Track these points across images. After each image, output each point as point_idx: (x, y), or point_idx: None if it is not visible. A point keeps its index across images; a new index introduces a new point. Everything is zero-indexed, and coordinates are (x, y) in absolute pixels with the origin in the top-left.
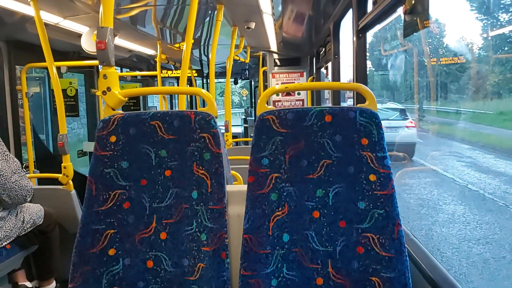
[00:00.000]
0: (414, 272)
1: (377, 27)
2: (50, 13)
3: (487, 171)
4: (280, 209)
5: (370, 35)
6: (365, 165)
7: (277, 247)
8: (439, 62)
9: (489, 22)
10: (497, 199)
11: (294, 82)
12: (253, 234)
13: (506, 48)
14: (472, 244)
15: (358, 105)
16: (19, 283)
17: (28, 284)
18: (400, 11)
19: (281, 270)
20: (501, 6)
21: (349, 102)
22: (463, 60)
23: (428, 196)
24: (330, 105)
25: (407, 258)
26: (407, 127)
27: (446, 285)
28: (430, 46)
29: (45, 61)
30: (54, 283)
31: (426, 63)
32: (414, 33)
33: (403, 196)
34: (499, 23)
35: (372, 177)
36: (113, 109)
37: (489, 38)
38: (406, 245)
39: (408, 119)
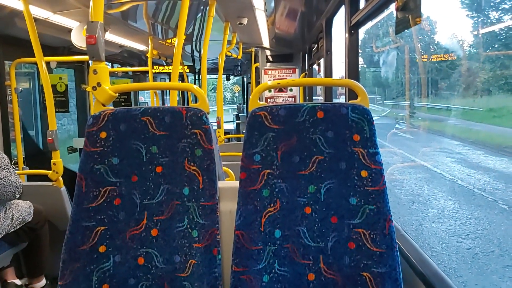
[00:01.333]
0: (404, 267)
1: (369, 24)
2: (40, 8)
3: (477, 167)
4: (272, 205)
5: (362, 32)
6: (357, 161)
7: (269, 243)
8: (430, 59)
9: (479, 19)
10: (486, 194)
11: (286, 79)
12: (245, 230)
13: (496, 46)
14: (462, 239)
15: (350, 101)
16: (9, 281)
17: (17, 281)
18: (392, 7)
19: (273, 266)
20: (491, 3)
21: (341, 99)
22: (453, 57)
23: (418, 192)
24: (322, 101)
25: (398, 253)
26: None
27: (436, 280)
28: (422, 43)
29: (34, 56)
30: (44, 280)
31: (417, 60)
32: (406, 30)
33: (394, 192)
34: (489, 20)
35: (364, 173)
36: (104, 105)
37: (480, 35)
38: (397, 241)
39: None
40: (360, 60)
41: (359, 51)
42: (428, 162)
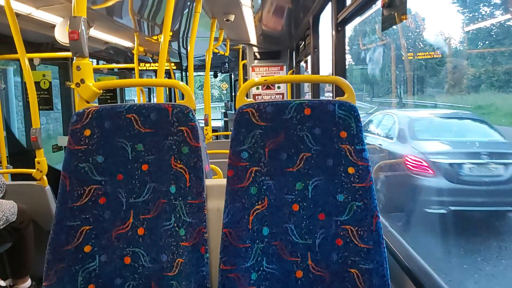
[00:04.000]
0: (392, 263)
1: (357, 20)
2: (22, 3)
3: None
4: (259, 202)
5: (349, 29)
6: (344, 158)
7: (257, 241)
8: (415, 57)
9: (470, 15)
10: None
11: (274, 76)
12: (232, 228)
13: (487, 42)
14: None
15: (337, 98)
16: None
17: (1, 282)
18: (379, 4)
19: (261, 264)
20: None
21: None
22: (439, 55)
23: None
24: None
25: (385, 249)
26: None
27: (423, 275)
28: (410, 41)
29: (17, 53)
30: (29, 281)
31: (403, 58)
32: (392, 27)
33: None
34: (480, 16)
35: (351, 170)
36: (88, 102)
37: (470, 31)
38: (384, 237)
39: None
40: (348, 57)
41: (347, 48)
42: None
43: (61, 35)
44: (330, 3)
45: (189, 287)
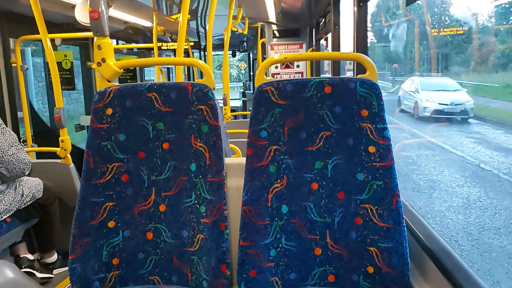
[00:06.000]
0: (411, 242)
1: None
2: None
3: (499, 148)
4: (279, 181)
5: (372, 5)
6: (365, 137)
7: (276, 218)
8: (441, 32)
9: None
10: None
11: None
12: (252, 205)
13: None
14: (493, 235)
15: (359, 75)
16: (21, 256)
17: (30, 256)
18: None
19: (280, 241)
20: None
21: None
22: (461, 31)
23: (439, 177)
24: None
25: (405, 228)
26: None
27: (443, 254)
28: (435, 16)
29: (39, 34)
30: (55, 255)
31: (428, 33)
32: (417, 2)
33: (412, 177)
34: None
35: (372, 149)
36: (109, 81)
37: (501, 5)
38: (404, 216)
39: None
40: (370, 34)
41: (369, 25)
42: (447, 143)
43: (81, 15)
44: None
45: (209, 262)
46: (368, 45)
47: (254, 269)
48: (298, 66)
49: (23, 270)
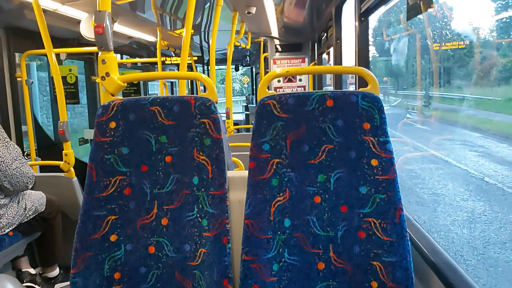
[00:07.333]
0: (415, 256)
1: (381, 10)
2: None
3: (503, 162)
4: (281, 194)
5: (373, 20)
6: (367, 150)
7: (279, 232)
8: (442, 46)
9: (503, 2)
10: None
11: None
12: (254, 219)
13: None
14: (499, 249)
15: (360, 89)
16: (23, 270)
17: (31, 270)
18: None
19: (283, 255)
20: None
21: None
22: (462, 46)
23: (443, 191)
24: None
25: (409, 242)
26: None
27: (447, 269)
28: (436, 30)
29: (44, 48)
30: (57, 269)
31: (430, 48)
32: (418, 16)
33: (416, 191)
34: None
35: (374, 162)
36: (113, 95)
37: (503, 19)
38: (407, 230)
39: None
40: (372, 49)
41: (371, 39)
42: (450, 156)
43: (86, 30)
44: None
45: (211, 276)
46: (370, 59)
47: (256, 283)
48: (300, 80)
49: (25, 284)
